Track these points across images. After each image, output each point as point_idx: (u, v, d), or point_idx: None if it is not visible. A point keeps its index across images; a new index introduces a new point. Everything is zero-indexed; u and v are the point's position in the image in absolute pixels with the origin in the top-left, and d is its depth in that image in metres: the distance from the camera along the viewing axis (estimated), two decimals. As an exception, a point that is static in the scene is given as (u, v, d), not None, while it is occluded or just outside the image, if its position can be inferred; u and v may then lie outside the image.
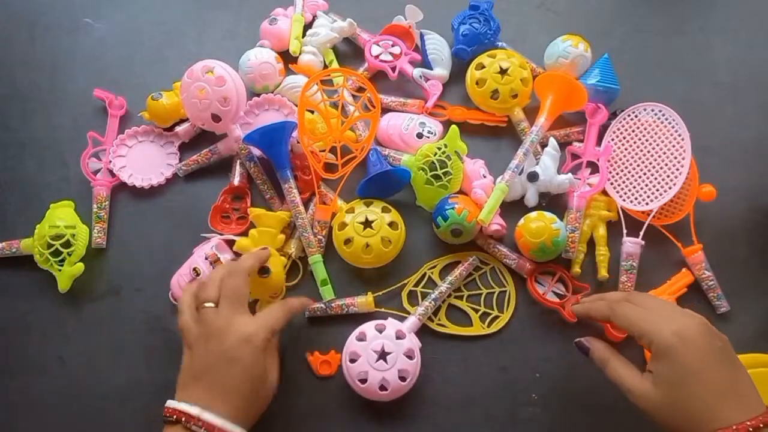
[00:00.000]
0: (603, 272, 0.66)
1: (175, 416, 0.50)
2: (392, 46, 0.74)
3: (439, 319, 0.66)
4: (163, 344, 0.66)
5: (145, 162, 0.72)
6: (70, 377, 0.66)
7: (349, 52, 0.78)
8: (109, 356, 0.66)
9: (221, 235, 0.68)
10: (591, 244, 0.68)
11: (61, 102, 0.76)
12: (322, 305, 0.65)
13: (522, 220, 0.65)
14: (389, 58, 0.74)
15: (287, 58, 0.75)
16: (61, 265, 0.66)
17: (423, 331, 0.65)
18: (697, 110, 0.70)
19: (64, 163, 0.73)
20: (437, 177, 0.66)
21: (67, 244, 0.66)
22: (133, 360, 0.66)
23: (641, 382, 0.50)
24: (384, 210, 0.66)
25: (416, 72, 0.73)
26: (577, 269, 0.66)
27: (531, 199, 0.68)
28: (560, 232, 0.63)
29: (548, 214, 0.65)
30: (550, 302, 0.65)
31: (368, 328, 0.62)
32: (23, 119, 0.76)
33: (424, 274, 0.67)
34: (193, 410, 0.50)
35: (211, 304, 0.55)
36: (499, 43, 0.74)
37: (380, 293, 0.66)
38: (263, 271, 0.61)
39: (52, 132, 0.75)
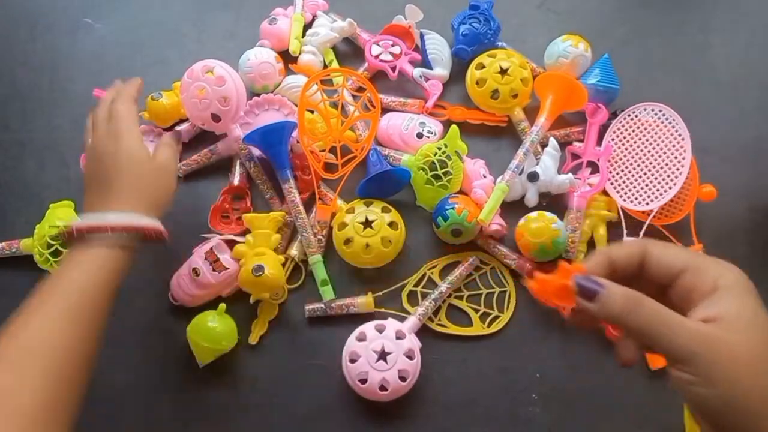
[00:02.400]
0: None
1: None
2: (392, 46, 0.74)
3: (440, 319, 0.66)
4: (163, 344, 0.66)
5: None
6: (70, 377, 0.66)
7: (349, 52, 0.78)
8: (109, 356, 0.66)
9: (221, 235, 0.68)
10: (591, 244, 0.68)
11: (61, 102, 0.76)
12: (322, 305, 0.65)
13: (522, 221, 0.65)
14: (389, 58, 0.74)
15: (287, 58, 0.75)
16: None
17: (423, 331, 0.65)
18: (697, 110, 0.70)
19: (64, 163, 0.73)
20: (437, 177, 0.66)
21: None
22: (133, 360, 0.66)
23: (700, 324, 0.32)
24: (384, 210, 0.66)
25: (416, 72, 0.73)
26: None
27: (531, 199, 0.68)
28: (560, 233, 0.63)
29: (549, 215, 0.65)
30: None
31: (368, 328, 0.62)
32: (23, 119, 0.76)
33: (424, 274, 0.67)
34: (76, 223, 0.50)
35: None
36: (499, 43, 0.74)
37: (380, 293, 0.66)
38: (257, 269, 0.61)
39: (52, 132, 0.75)
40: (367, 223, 0.64)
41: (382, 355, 0.60)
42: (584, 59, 0.71)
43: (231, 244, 0.67)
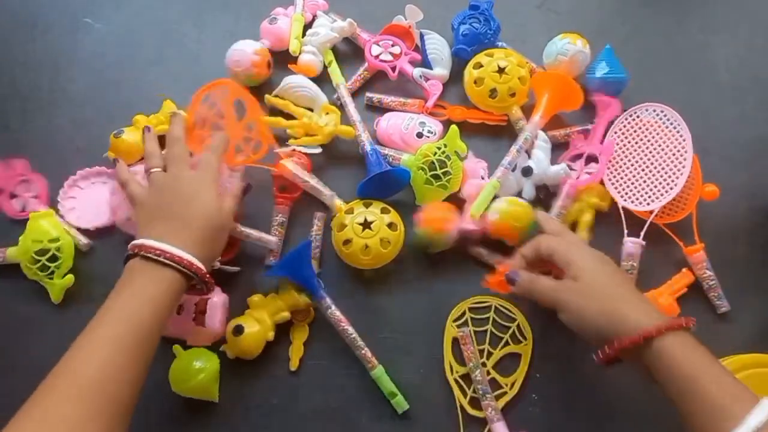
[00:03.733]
0: None
1: (134, 250, 0.54)
2: (392, 45, 0.74)
3: (507, 384, 0.63)
4: (163, 344, 0.65)
5: (96, 203, 0.70)
6: (69, 377, 0.66)
7: (349, 52, 0.78)
8: (108, 356, 0.66)
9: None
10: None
11: (61, 102, 0.76)
12: None
13: (496, 215, 0.64)
14: (389, 57, 0.74)
15: (287, 58, 0.75)
16: (51, 278, 0.65)
17: (425, 332, 0.65)
18: (697, 110, 0.70)
19: (64, 163, 0.73)
20: (437, 177, 0.66)
21: (54, 258, 0.65)
22: (132, 360, 0.66)
23: (562, 280, 0.56)
24: (383, 211, 0.66)
25: (416, 72, 0.73)
26: None
27: (528, 194, 0.68)
28: (532, 211, 0.65)
29: (517, 199, 0.66)
30: None
31: None
32: (23, 119, 0.76)
33: (455, 380, 0.64)
34: (148, 242, 0.54)
35: (158, 169, 0.60)
36: (499, 43, 0.74)
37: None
38: (236, 330, 0.61)
39: (52, 132, 0.75)
40: (366, 224, 0.64)
41: None
42: (583, 56, 0.71)
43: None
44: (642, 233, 0.66)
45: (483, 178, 0.68)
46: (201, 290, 0.59)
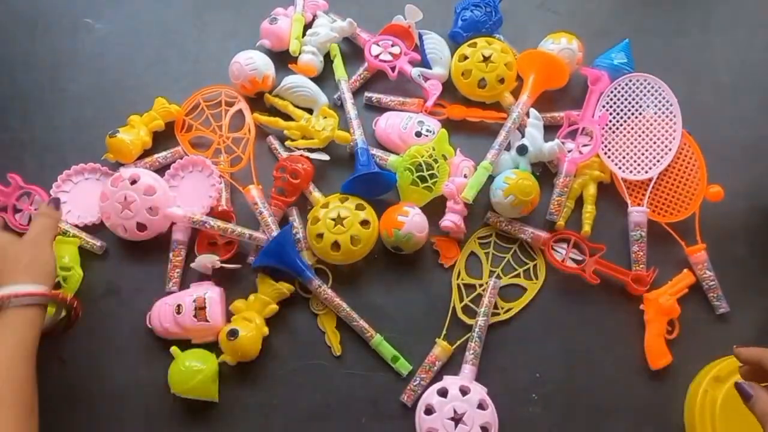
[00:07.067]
0: (586, 228, 0.67)
1: None
2: (392, 45, 0.74)
3: (503, 308, 0.65)
4: (163, 344, 0.66)
5: (89, 199, 0.70)
6: (70, 377, 0.66)
7: (348, 52, 0.78)
8: (109, 356, 0.66)
9: (219, 258, 0.66)
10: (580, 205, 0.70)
11: (61, 102, 0.76)
12: (415, 387, 0.63)
13: (504, 185, 0.65)
14: (389, 57, 0.74)
15: (287, 58, 0.75)
16: None
17: (423, 332, 0.65)
18: (697, 110, 0.70)
19: (64, 163, 0.73)
20: (423, 179, 0.66)
21: (57, 286, 0.64)
22: (133, 360, 0.66)
23: None
24: (358, 207, 0.65)
25: (415, 71, 0.73)
26: (561, 223, 0.67)
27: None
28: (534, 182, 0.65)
29: (527, 173, 0.66)
30: (570, 268, 0.66)
31: (431, 397, 0.60)
32: (23, 119, 0.76)
33: (458, 285, 0.67)
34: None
35: None
36: (498, 36, 0.75)
37: (444, 334, 0.65)
38: (231, 333, 0.61)
39: (52, 132, 0.75)
40: (339, 220, 0.63)
41: (458, 420, 0.58)
42: (569, 52, 0.72)
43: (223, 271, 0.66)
44: (645, 201, 0.67)
45: (465, 176, 0.68)
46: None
